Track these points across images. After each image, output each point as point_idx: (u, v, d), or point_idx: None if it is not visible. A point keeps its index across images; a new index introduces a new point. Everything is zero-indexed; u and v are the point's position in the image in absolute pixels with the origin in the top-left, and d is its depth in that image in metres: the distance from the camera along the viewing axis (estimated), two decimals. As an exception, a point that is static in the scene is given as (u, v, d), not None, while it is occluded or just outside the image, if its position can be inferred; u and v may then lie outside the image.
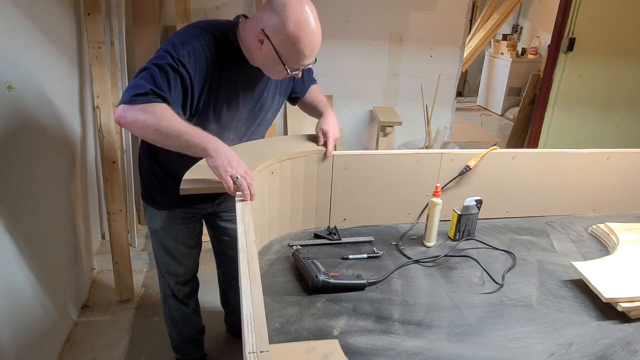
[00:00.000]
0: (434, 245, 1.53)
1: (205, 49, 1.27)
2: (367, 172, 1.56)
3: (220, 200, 1.62)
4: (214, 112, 1.36)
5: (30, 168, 1.76)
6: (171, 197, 1.49)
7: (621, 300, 1.20)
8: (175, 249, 1.66)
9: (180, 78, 1.23)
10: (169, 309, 1.83)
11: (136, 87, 1.19)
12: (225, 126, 1.41)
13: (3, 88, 1.56)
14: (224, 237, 1.76)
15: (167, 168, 1.50)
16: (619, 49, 3.34)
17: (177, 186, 1.41)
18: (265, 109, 1.49)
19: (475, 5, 6.08)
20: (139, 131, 1.23)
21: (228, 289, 2.01)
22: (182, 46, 1.24)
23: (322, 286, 1.24)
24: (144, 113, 1.18)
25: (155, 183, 1.54)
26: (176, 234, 1.63)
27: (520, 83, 5.88)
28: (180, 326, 1.86)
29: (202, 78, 1.27)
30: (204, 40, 1.27)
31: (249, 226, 1.07)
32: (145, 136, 1.24)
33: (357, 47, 3.22)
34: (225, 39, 1.31)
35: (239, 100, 1.38)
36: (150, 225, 1.64)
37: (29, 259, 1.72)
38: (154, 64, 1.22)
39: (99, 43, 2.21)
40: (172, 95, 1.22)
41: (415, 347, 1.07)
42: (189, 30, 1.30)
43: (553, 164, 1.68)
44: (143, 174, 1.58)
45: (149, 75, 1.20)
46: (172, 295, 1.78)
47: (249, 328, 0.74)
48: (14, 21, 1.66)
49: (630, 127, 3.60)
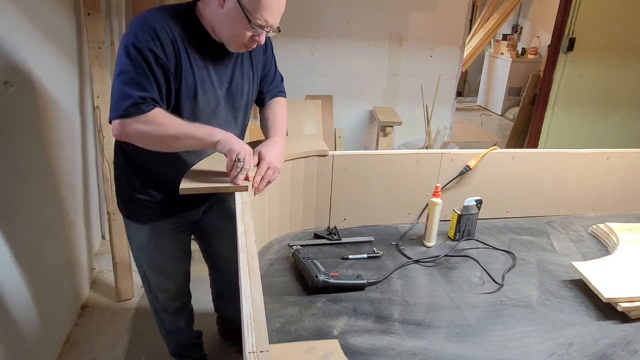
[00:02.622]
0: (434, 245, 1.53)
1: (167, 29, 1.19)
2: (367, 172, 1.56)
3: (206, 208, 1.56)
4: (191, 97, 1.28)
5: (30, 168, 1.76)
6: (153, 208, 1.43)
7: (621, 300, 1.20)
8: (164, 263, 1.58)
9: (157, 67, 1.18)
10: (161, 322, 1.76)
11: (124, 98, 1.15)
12: (205, 113, 1.33)
13: (3, 87, 1.56)
14: (213, 241, 1.69)
15: (149, 176, 1.41)
16: (619, 49, 3.34)
17: (162, 193, 1.40)
18: (240, 91, 1.41)
19: (475, 5, 6.08)
20: (144, 143, 1.22)
21: (220, 296, 1.95)
22: (142, 31, 1.16)
23: (322, 286, 1.24)
24: (144, 125, 1.16)
25: (136, 196, 1.43)
26: (163, 247, 1.54)
27: (520, 83, 5.88)
28: (176, 336, 1.82)
29: (173, 56, 1.21)
30: (163, 20, 1.20)
31: (249, 226, 1.07)
32: (151, 147, 1.24)
33: (357, 47, 3.22)
34: (184, 16, 1.24)
35: (212, 81, 1.31)
36: (135, 240, 1.54)
37: (28, 259, 1.72)
38: (129, 63, 1.16)
39: (99, 43, 2.21)
40: (159, 93, 1.20)
41: (415, 347, 1.07)
42: (143, 16, 1.21)
43: (553, 164, 1.68)
44: (120, 188, 1.47)
45: (131, 80, 1.16)
46: (163, 309, 1.71)
47: (249, 328, 0.74)
48: (14, 21, 1.66)
49: (631, 127, 3.60)
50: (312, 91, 3.27)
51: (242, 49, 1.28)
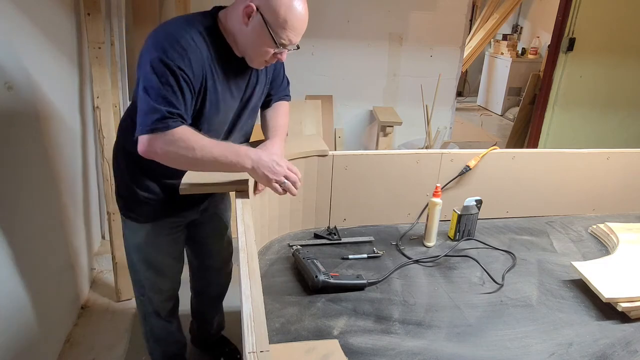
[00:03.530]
0: (434, 245, 1.53)
1: (195, 47, 1.19)
2: (367, 172, 1.56)
3: (204, 207, 1.56)
4: (212, 113, 1.30)
5: (30, 168, 1.76)
6: (155, 206, 1.42)
7: (621, 300, 1.20)
8: (162, 263, 1.57)
9: (185, 84, 1.18)
10: (150, 328, 1.72)
11: (152, 112, 1.14)
12: (222, 122, 1.36)
13: (3, 88, 1.56)
14: (206, 240, 1.68)
15: (152, 174, 1.39)
16: (619, 49, 3.34)
17: (164, 192, 1.39)
18: (252, 97, 1.42)
19: (475, 5, 6.08)
20: (171, 162, 1.21)
21: (202, 301, 1.92)
22: (172, 48, 1.16)
23: (322, 286, 1.24)
24: (172, 144, 1.15)
25: (138, 194, 1.41)
26: (162, 247, 1.53)
27: (520, 83, 5.88)
28: (164, 344, 1.77)
29: (200, 76, 1.22)
30: (190, 35, 1.19)
31: (249, 226, 1.07)
32: (178, 166, 1.24)
33: (357, 47, 3.22)
34: (209, 32, 1.24)
35: (232, 94, 1.33)
36: (132, 241, 1.50)
37: (28, 259, 1.72)
38: (156, 79, 1.15)
39: (99, 43, 2.21)
40: (185, 109, 1.19)
41: (415, 347, 1.07)
42: (169, 29, 1.20)
43: (553, 164, 1.68)
44: (121, 186, 1.45)
45: (158, 96, 1.14)
46: (154, 312, 1.67)
47: (249, 328, 0.74)
48: (14, 21, 1.66)
49: (631, 127, 3.60)
50: (312, 91, 3.27)
51: (263, 65, 1.30)
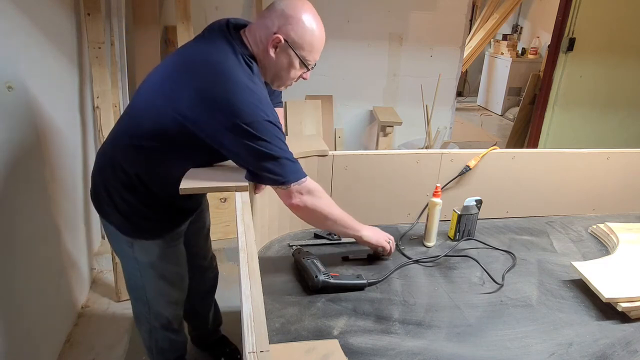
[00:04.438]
0: (434, 245, 1.53)
1: (261, 88, 1.23)
2: (367, 172, 1.56)
3: (196, 215, 1.55)
4: None
5: (30, 168, 1.76)
6: (166, 219, 1.39)
7: (621, 300, 1.20)
8: (175, 274, 1.53)
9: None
10: (156, 342, 1.66)
11: (297, 172, 1.21)
12: None
13: (3, 88, 1.56)
14: (197, 240, 1.68)
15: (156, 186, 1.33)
16: (619, 49, 3.34)
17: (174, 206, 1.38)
18: None
19: (475, 5, 6.08)
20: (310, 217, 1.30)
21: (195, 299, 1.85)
22: (263, 104, 1.17)
23: (322, 286, 1.24)
24: (315, 196, 1.25)
25: (146, 211, 1.34)
26: (173, 258, 1.49)
27: (520, 83, 5.87)
28: (168, 352, 1.73)
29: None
30: (261, 87, 1.23)
31: (248, 226, 1.07)
32: (315, 223, 1.34)
33: (357, 47, 3.22)
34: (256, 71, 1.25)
35: None
36: (145, 260, 1.41)
37: (28, 259, 1.72)
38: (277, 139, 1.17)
39: (99, 43, 2.21)
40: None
41: (415, 347, 1.07)
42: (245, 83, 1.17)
43: (553, 164, 1.68)
44: (125, 207, 1.33)
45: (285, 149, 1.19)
46: (162, 327, 1.60)
47: (249, 328, 0.74)
48: (14, 21, 1.66)
49: (631, 127, 3.60)
50: (312, 91, 3.27)
51: (285, 86, 1.35)
